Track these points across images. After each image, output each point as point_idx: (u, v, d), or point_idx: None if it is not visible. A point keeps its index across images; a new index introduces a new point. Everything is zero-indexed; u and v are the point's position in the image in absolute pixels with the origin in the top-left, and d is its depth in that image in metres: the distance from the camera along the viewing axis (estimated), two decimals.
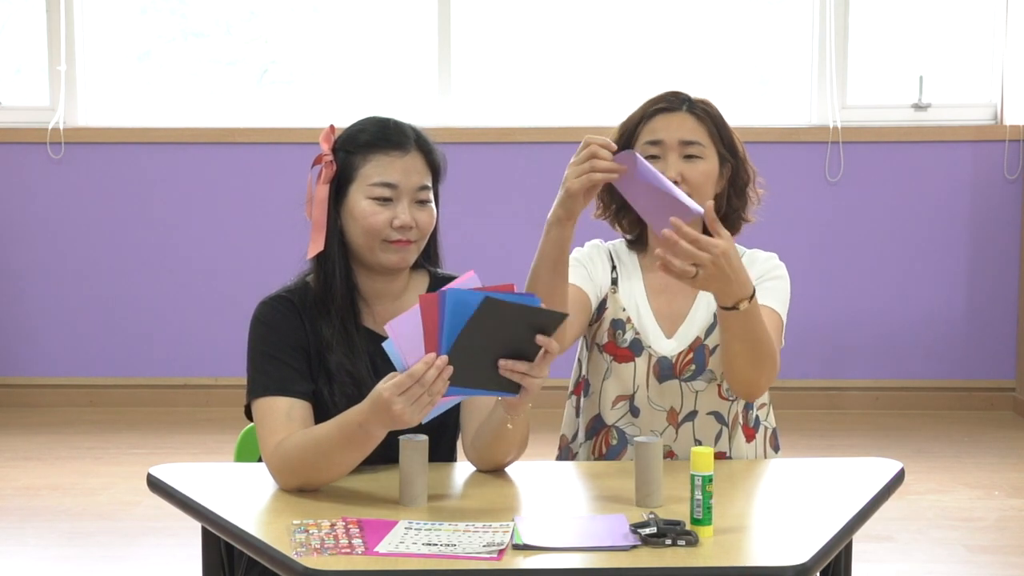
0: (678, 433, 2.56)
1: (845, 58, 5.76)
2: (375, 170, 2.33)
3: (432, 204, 2.37)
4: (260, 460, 2.34)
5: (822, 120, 5.74)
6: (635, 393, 2.57)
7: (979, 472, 4.77)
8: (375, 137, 2.35)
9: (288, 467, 2.20)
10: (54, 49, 5.82)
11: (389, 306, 2.40)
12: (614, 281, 2.61)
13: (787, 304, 2.59)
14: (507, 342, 2.06)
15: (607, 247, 2.67)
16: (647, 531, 1.92)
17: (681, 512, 2.02)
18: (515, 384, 2.10)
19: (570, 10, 5.88)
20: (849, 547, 2.24)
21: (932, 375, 5.77)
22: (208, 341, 5.78)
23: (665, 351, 2.57)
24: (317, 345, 2.33)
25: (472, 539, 1.94)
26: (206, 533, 2.21)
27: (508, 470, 2.36)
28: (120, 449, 5.10)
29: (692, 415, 2.57)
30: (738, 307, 2.29)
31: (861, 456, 2.69)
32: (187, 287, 5.80)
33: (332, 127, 2.39)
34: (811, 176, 5.71)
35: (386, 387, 2.06)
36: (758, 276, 2.53)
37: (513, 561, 1.88)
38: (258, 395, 2.29)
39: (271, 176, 5.71)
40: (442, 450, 2.42)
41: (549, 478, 2.40)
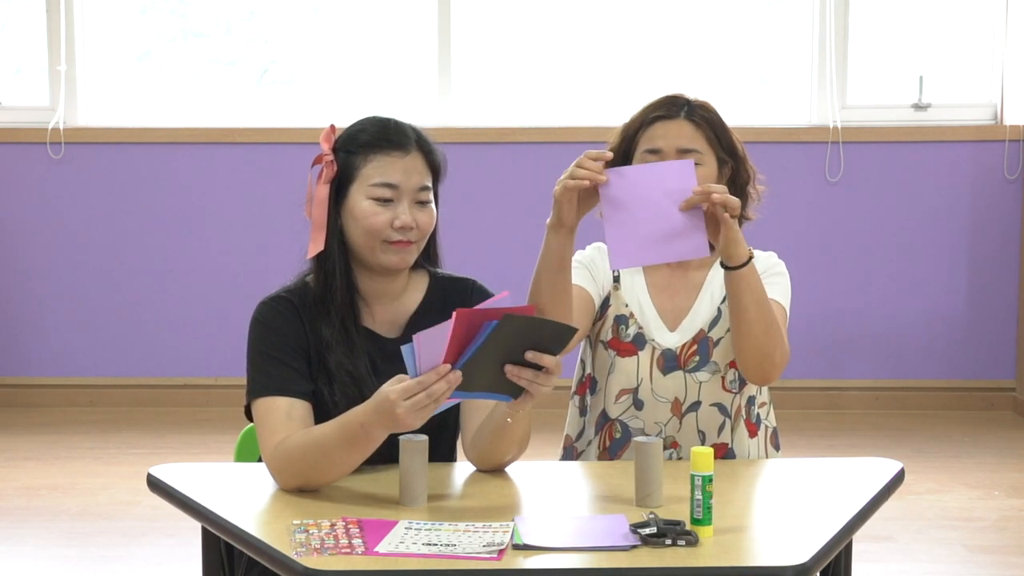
0: (682, 423, 2.59)
1: (845, 58, 5.76)
2: (376, 170, 2.33)
3: (432, 204, 2.37)
4: (260, 460, 2.34)
5: (822, 120, 5.74)
6: (639, 386, 2.60)
7: (979, 472, 4.76)
8: (376, 137, 2.35)
9: (288, 467, 2.20)
10: (54, 49, 5.81)
11: (389, 306, 2.40)
12: (616, 278, 2.64)
13: (789, 299, 2.62)
14: (516, 351, 2.06)
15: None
16: (647, 531, 1.92)
17: (681, 512, 2.02)
18: (516, 388, 2.11)
19: (570, 11, 5.88)
20: (849, 547, 2.25)
21: (932, 375, 5.77)
22: (208, 341, 5.78)
23: (669, 343, 2.60)
24: (317, 345, 2.33)
25: (472, 539, 1.94)
26: (206, 533, 2.21)
27: (508, 470, 2.36)
28: (120, 449, 5.10)
29: (696, 405, 2.59)
30: (747, 264, 2.38)
31: (861, 456, 2.69)
32: (187, 287, 5.80)
33: (332, 127, 2.39)
34: (811, 176, 5.71)
35: (393, 390, 2.07)
36: (760, 273, 2.54)
37: (513, 561, 1.88)
38: (258, 395, 2.29)
39: (271, 176, 5.71)
40: (442, 450, 2.42)
41: (549, 478, 2.40)
